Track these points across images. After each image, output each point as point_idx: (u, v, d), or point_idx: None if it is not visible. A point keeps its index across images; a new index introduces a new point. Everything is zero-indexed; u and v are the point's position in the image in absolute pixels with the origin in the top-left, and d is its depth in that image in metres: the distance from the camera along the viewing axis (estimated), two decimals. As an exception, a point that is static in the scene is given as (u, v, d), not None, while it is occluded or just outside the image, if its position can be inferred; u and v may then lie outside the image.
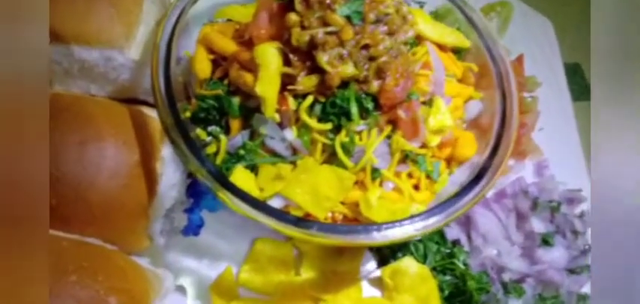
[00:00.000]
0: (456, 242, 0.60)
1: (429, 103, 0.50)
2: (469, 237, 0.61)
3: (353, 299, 0.54)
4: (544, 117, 0.70)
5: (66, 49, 0.50)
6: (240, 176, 0.46)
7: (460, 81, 0.57)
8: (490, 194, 0.65)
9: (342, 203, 0.48)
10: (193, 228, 0.61)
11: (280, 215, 0.43)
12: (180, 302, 0.56)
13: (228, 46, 0.50)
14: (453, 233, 0.62)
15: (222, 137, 0.49)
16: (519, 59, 0.73)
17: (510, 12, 0.75)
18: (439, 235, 0.62)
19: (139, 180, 0.49)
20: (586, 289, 0.59)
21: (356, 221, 0.49)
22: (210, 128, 0.50)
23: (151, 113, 0.54)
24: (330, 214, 0.49)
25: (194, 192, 0.62)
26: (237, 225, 0.61)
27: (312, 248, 0.58)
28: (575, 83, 0.83)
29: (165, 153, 0.53)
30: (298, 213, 0.47)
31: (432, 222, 0.44)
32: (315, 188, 0.46)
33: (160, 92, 0.48)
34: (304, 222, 0.43)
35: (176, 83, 0.50)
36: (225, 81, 0.50)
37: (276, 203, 0.46)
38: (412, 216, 0.44)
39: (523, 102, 0.68)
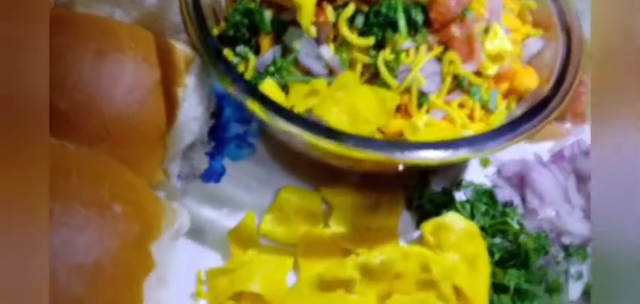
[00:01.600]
0: (507, 204, 0.54)
1: (485, 30, 0.44)
2: (523, 199, 0.54)
3: (390, 251, 0.47)
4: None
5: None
6: (270, 89, 0.41)
7: (519, 16, 0.51)
8: (547, 156, 0.58)
9: (382, 132, 0.42)
10: (214, 175, 0.56)
11: (313, 125, 0.38)
12: (196, 249, 0.51)
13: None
14: (505, 194, 0.55)
15: (251, 56, 0.44)
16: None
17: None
18: (488, 196, 0.55)
19: (157, 101, 0.45)
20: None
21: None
22: (239, 48, 0.45)
23: (176, 44, 0.51)
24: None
25: (217, 138, 0.58)
26: (260, 175, 0.56)
27: (343, 201, 0.52)
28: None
29: (189, 82, 0.49)
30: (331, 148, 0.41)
31: (485, 147, 0.38)
32: (353, 108, 0.40)
33: (187, 7, 0.44)
34: (339, 133, 0.37)
35: (204, 6, 0.46)
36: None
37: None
38: (460, 140, 0.38)
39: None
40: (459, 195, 0.55)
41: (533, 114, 0.40)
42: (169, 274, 0.47)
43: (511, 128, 0.39)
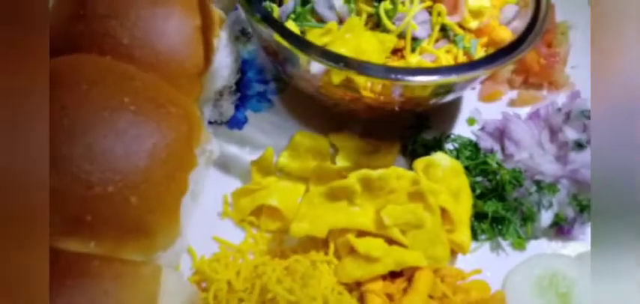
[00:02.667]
0: (489, 152, 0.62)
1: (469, -9, 0.54)
2: (503, 149, 0.63)
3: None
4: (577, 55, 0.73)
5: None
6: (291, 27, 0.50)
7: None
8: (524, 115, 0.67)
9: (382, 71, 0.51)
10: (238, 123, 0.66)
11: (327, 53, 0.47)
12: (223, 178, 0.59)
13: None
14: (487, 143, 0.63)
15: (274, 6, 0.54)
16: (551, 6, 0.76)
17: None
18: (473, 146, 0.64)
19: (197, 44, 0.54)
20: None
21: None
22: (265, 1, 0.55)
23: (211, 6, 0.61)
24: (369, 84, 0.52)
25: (241, 95, 0.67)
26: (277, 123, 0.66)
27: (347, 144, 0.61)
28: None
29: (222, 35, 0.58)
30: (341, 76, 0.51)
31: (466, 73, 0.47)
32: (359, 47, 0.50)
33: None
34: (347, 59, 0.46)
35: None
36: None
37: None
38: (447, 67, 0.47)
39: (555, 33, 0.71)
40: (448, 146, 0.64)
41: (503, 53, 0.49)
42: (201, 194, 0.56)
43: (486, 61, 0.48)
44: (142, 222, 0.40)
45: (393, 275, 0.51)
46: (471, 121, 0.67)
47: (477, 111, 0.68)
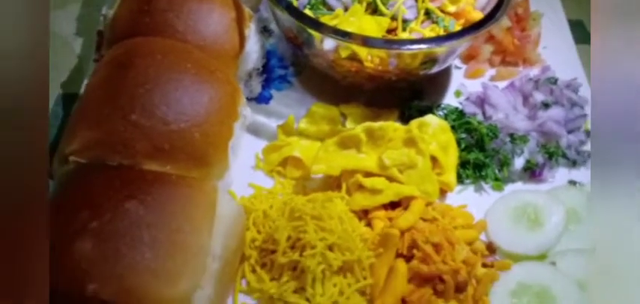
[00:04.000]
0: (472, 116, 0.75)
1: (448, -17, 0.69)
2: (483, 113, 0.76)
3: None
4: (547, 38, 0.86)
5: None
6: (308, 13, 0.65)
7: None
8: (501, 86, 0.80)
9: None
10: (264, 99, 0.79)
11: (336, 30, 0.61)
12: (254, 140, 0.73)
13: None
14: (470, 109, 0.76)
15: (295, 0, 0.69)
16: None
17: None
18: (458, 112, 0.77)
19: (233, 33, 0.69)
20: (587, 147, 0.72)
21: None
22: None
23: (244, 6, 0.75)
24: (369, 57, 0.66)
25: (266, 77, 0.81)
26: (297, 98, 0.79)
27: (354, 112, 0.75)
28: (577, 33, 0.99)
29: (250, 27, 0.73)
30: (348, 50, 0.65)
31: (448, 42, 0.61)
32: (360, 28, 0.64)
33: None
34: (353, 34, 0.61)
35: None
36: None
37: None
38: (434, 37, 0.61)
39: (529, 19, 0.84)
40: (438, 113, 0.77)
41: (474, 28, 0.63)
42: (239, 151, 0.70)
43: (460, 34, 0.62)
44: (203, 152, 0.54)
45: (392, 205, 0.64)
46: (457, 93, 0.81)
47: (463, 86, 0.81)
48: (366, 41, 0.61)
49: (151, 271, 0.43)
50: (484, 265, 0.60)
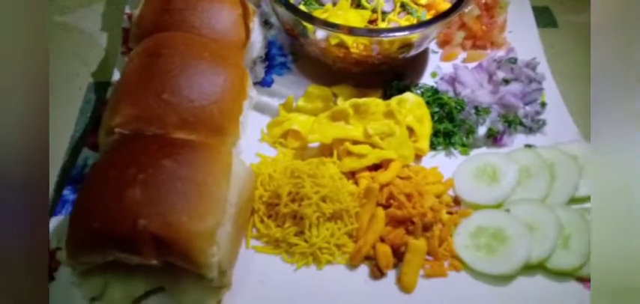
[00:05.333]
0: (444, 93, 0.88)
1: (419, -19, 0.81)
2: (454, 90, 0.89)
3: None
4: (512, 23, 0.99)
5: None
6: (302, 9, 0.78)
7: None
8: (470, 67, 0.93)
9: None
10: (267, 83, 0.92)
11: (326, 22, 0.74)
12: (260, 117, 0.86)
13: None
14: (443, 87, 0.89)
15: (291, -2, 0.82)
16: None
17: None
18: (433, 90, 0.89)
19: (240, 26, 0.82)
20: (542, 116, 0.85)
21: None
22: (284, -5, 0.83)
23: (248, 3, 0.88)
24: (355, 44, 0.79)
25: (268, 64, 0.94)
26: (296, 81, 0.92)
27: (344, 92, 0.88)
28: (544, 18, 1.11)
29: (255, 20, 0.86)
30: (336, 39, 0.78)
31: (420, 29, 0.74)
32: (346, 20, 0.77)
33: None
34: (340, 25, 0.73)
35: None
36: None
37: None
38: (409, 26, 0.74)
39: (497, 7, 0.97)
40: (416, 91, 0.90)
41: (441, 17, 0.76)
42: (247, 127, 0.83)
43: (429, 22, 0.75)
44: (220, 124, 0.67)
45: (375, 167, 0.77)
46: (433, 74, 0.93)
47: (439, 68, 0.94)
48: (351, 31, 0.73)
49: (185, 211, 0.56)
50: (449, 213, 0.74)
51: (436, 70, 0.94)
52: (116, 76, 0.86)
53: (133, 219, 0.55)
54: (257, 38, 0.86)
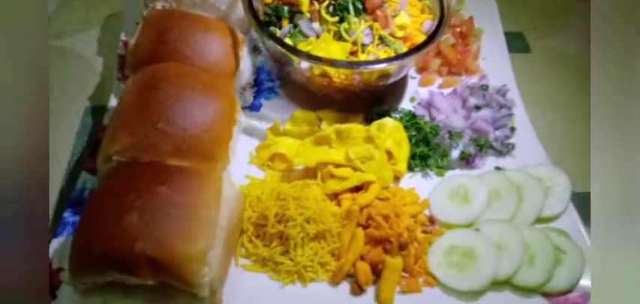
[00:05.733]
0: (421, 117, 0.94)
1: (394, 15, 0.87)
2: (430, 114, 0.95)
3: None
4: (486, 51, 1.06)
5: (194, -12, 0.91)
6: (288, 41, 0.83)
7: (422, 11, 0.94)
8: (446, 92, 0.99)
9: (345, 67, 0.85)
10: (256, 107, 0.98)
11: (309, 55, 0.80)
12: (249, 140, 0.91)
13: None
14: (420, 112, 0.95)
15: (277, 30, 0.87)
16: (470, 19, 1.09)
17: (464, -9, 1.13)
18: (411, 115, 0.95)
19: (230, 56, 0.87)
20: (511, 140, 0.91)
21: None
22: (271, 28, 0.89)
23: (237, 32, 0.93)
24: (337, 74, 0.85)
25: (257, 89, 1.00)
26: (283, 105, 0.98)
27: (328, 116, 0.94)
28: (518, 43, 1.19)
29: (244, 49, 0.91)
30: (319, 70, 0.84)
31: (397, 61, 0.80)
32: (329, 52, 0.83)
33: (246, 6, 0.87)
34: (323, 58, 0.79)
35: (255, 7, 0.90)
36: (279, 2, 0.89)
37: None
38: (386, 58, 0.80)
39: (471, 36, 1.04)
40: (395, 115, 0.96)
41: (415, 50, 0.82)
42: (237, 148, 0.88)
43: (404, 55, 0.81)
44: (211, 151, 0.72)
45: (357, 189, 0.83)
46: (412, 99, 1.00)
47: (417, 93, 1.00)
48: (333, 63, 0.79)
49: (178, 235, 0.61)
50: (424, 232, 0.79)
51: (414, 94, 1.00)
52: (112, 101, 0.91)
53: (131, 242, 0.60)
54: (246, 66, 0.92)
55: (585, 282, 0.75)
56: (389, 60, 0.81)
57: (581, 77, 1.13)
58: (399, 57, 0.82)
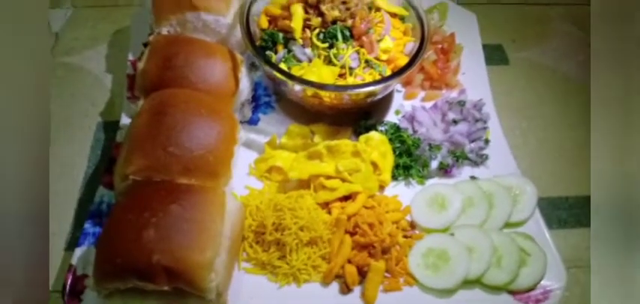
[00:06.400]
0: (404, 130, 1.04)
1: (379, 40, 0.96)
2: (413, 128, 1.04)
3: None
4: (465, 66, 1.15)
5: (197, 15, 0.99)
6: (283, 66, 0.92)
7: (404, 33, 1.03)
8: (427, 106, 1.09)
9: (334, 87, 0.94)
10: (254, 122, 1.07)
11: (302, 79, 0.89)
12: (248, 153, 1.00)
13: (278, 11, 0.98)
14: (403, 125, 1.05)
15: (273, 55, 0.96)
16: (452, 35, 1.17)
17: (446, 9, 1.21)
18: (395, 127, 1.05)
19: (230, 77, 0.96)
20: (485, 151, 1.01)
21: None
22: (267, 52, 0.97)
23: (236, 53, 1.02)
24: (328, 95, 0.94)
25: (255, 104, 1.09)
26: (279, 119, 1.06)
27: (320, 130, 1.03)
28: (497, 55, 1.28)
29: (243, 70, 1.00)
30: (312, 91, 0.93)
31: (382, 84, 0.89)
32: (320, 75, 0.92)
33: (244, 33, 0.96)
34: (314, 82, 0.88)
35: (252, 32, 0.99)
36: (274, 28, 0.98)
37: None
38: (371, 82, 0.89)
39: (451, 52, 1.13)
40: (381, 128, 1.05)
41: (398, 73, 0.91)
42: (238, 162, 0.97)
43: (388, 78, 0.90)
44: (215, 169, 0.82)
45: (345, 198, 0.92)
46: (397, 112, 1.09)
47: (402, 106, 1.09)
48: (324, 87, 0.88)
49: (189, 247, 0.71)
50: (405, 236, 0.89)
51: (399, 107, 1.09)
52: (124, 119, 0.99)
53: (148, 254, 0.69)
54: (245, 85, 1.01)
55: (547, 282, 0.85)
56: (374, 83, 0.90)
57: (554, 87, 1.23)
58: (383, 80, 0.91)
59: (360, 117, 1.05)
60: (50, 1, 1.29)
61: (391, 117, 1.08)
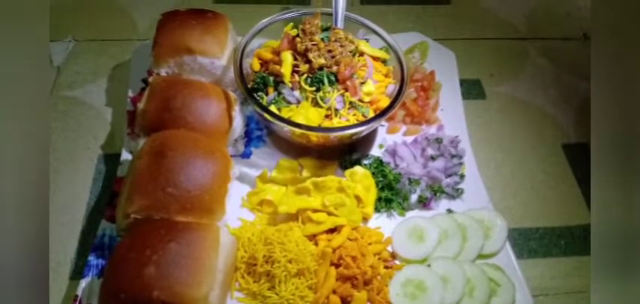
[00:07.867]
0: (386, 163, 1.11)
1: (362, 83, 1.04)
2: (394, 162, 1.12)
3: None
4: (444, 103, 1.23)
5: (193, 58, 1.06)
6: (273, 108, 1.00)
7: (386, 75, 1.11)
8: (408, 141, 1.16)
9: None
10: (247, 155, 1.14)
11: (290, 121, 0.96)
12: (241, 186, 1.08)
13: (269, 55, 1.05)
14: (386, 159, 1.13)
15: (264, 96, 1.03)
16: (432, 73, 1.26)
17: (427, 48, 1.30)
18: (379, 161, 1.12)
19: (225, 116, 1.03)
20: (461, 186, 1.09)
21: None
22: (258, 93, 1.05)
23: (230, 92, 1.09)
24: (315, 135, 1.02)
25: (247, 138, 1.16)
26: (270, 153, 1.13)
27: (308, 163, 1.10)
28: (475, 90, 1.36)
29: (236, 109, 1.07)
30: (300, 132, 1.00)
31: (365, 126, 0.97)
32: (307, 117, 0.99)
33: (237, 76, 1.03)
34: (301, 124, 0.96)
35: (244, 74, 1.06)
36: (265, 72, 1.05)
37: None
38: (354, 124, 0.97)
39: (431, 90, 1.21)
40: (365, 161, 1.13)
41: (380, 115, 0.99)
42: (232, 194, 1.04)
43: (371, 120, 0.98)
44: (210, 207, 0.89)
45: (331, 231, 1.00)
46: (381, 146, 1.16)
47: (385, 140, 1.17)
48: (312, 129, 0.96)
49: (186, 283, 0.78)
50: (386, 267, 0.97)
51: (383, 141, 1.17)
52: (124, 154, 1.06)
53: (149, 290, 0.76)
54: (238, 123, 1.08)
55: (514, 309, 0.93)
56: (357, 125, 0.98)
57: (529, 120, 1.31)
58: (367, 122, 0.99)
59: (345, 151, 1.13)
60: (51, 34, 1.35)
61: (375, 151, 1.15)
